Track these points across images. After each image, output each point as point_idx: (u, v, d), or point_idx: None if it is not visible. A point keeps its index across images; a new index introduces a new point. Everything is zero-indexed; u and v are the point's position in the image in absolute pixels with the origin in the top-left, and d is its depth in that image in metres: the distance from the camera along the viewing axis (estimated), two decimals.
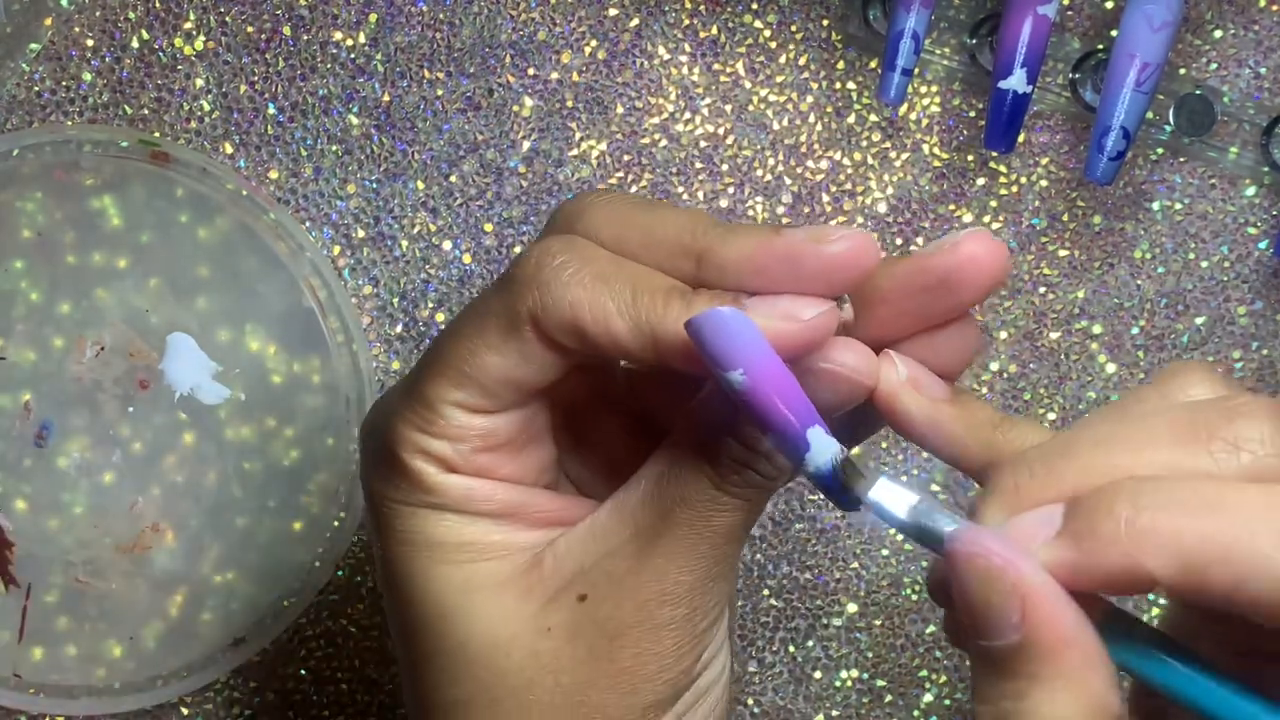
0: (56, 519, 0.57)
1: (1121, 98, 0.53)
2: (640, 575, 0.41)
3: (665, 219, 0.42)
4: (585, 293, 0.40)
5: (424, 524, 0.42)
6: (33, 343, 0.56)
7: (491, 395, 0.41)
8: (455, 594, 0.42)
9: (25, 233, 0.56)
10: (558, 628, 0.42)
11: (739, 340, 0.38)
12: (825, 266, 0.39)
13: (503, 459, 0.43)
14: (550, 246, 0.41)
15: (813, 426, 0.38)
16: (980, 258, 0.39)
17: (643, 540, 0.41)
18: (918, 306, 0.41)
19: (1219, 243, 0.58)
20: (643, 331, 0.40)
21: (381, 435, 0.43)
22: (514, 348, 0.41)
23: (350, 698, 0.59)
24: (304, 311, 0.57)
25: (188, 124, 0.57)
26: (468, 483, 0.42)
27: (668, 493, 0.41)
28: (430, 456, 0.42)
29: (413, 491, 0.42)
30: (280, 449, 0.57)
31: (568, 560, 0.42)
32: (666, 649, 0.42)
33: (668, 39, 0.58)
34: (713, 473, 0.41)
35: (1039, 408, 0.59)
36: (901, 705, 0.59)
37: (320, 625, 0.58)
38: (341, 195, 0.58)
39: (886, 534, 0.59)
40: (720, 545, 0.41)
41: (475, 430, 0.42)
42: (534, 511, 0.43)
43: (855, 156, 0.58)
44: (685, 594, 0.41)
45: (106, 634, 0.57)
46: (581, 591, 0.42)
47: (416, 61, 0.58)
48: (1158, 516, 0.34)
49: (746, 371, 0.38)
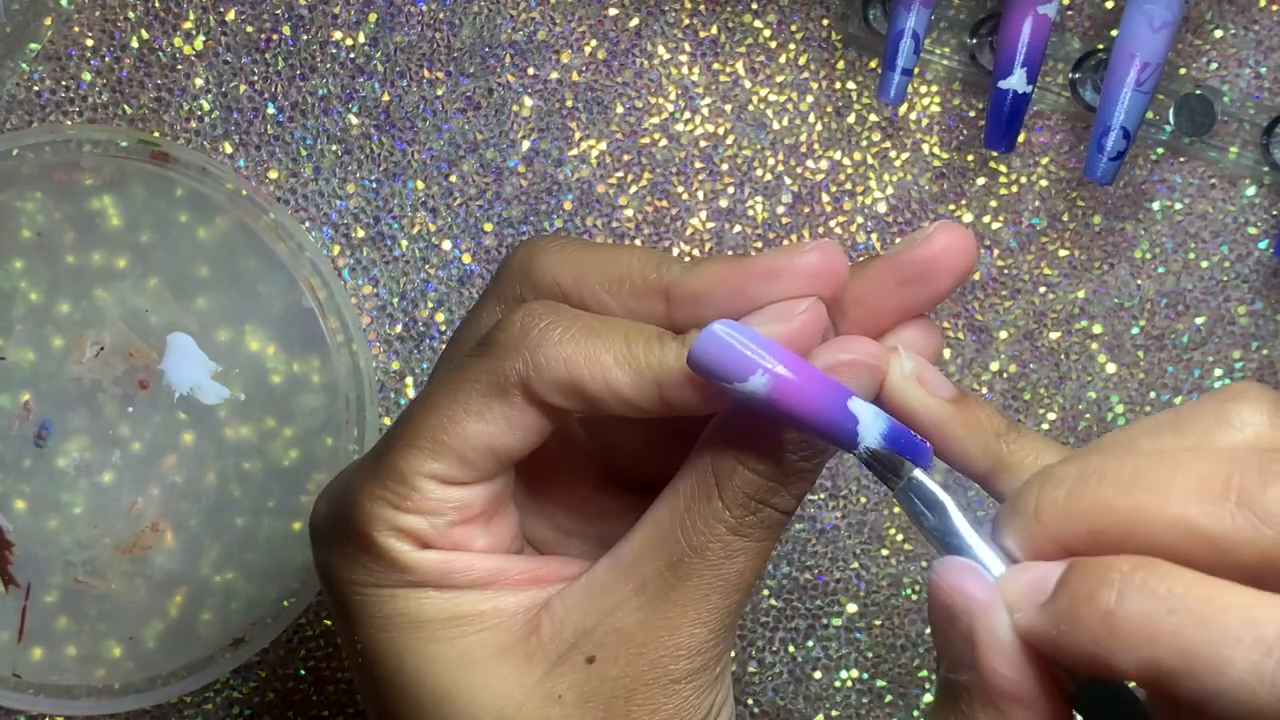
0: (56, 519, 0.57)
1: (1121, 97, 0.53)
2: (652, 630, 0.40)
3: (620, 257, 0.41)
4: (579, 348, 0.39)
5: (405, 605, 0.41)
6: (32, 343, 0.56)
7: (469, 466, 0.40)
8: (453, 672, 0.40)
9: (25, 233, 0.56)
10: (568, 693, 0.40)
11: (746, 347, 0.37)
12: (803, 276, 0.40)
13: (476, 531, 0.41)
14: (533, 309, 0.40)
15: (851, 398, 0.38)
16: (953, 246, 0.40)
17: (650, 594, 0.40)
18: (894, 303, 0.41)
19: (1219, 243, 0.58)
20: (644, 379, 0.39)
21: (345, 517, 0.41)
22: (499, 414, 0.39)
23: (350, 698, 0.59)
24: (304, 311, 0.57)
25: (187, 124, 0.57)
26: (444, 557, 0.40)
27: (676, 543, 0.40)
28: (404, 533, 0.40)
29: (387, 573, 0.40)
30: (280, 449, 0.57)
31: (568, 622, 0.41)
32: (682, 703, 0.41)
33: (668, 39, 0.58)
34: (729, 517, 0.40)
35: (1039, 408, 0.59)
36: (901, 705, 0.59)
37: (320, 625, 0.58)
38: (341, 195, 0.58)
39: (886, 534, 0.59)
40: (733, 594, 0.40)
41: (451, 503, 0.40)
42: (514, 575, 0.41)
43: (855, 156, 0.58)
44: (699, 646, 0.40)
45: (106, 634, 0.57)
46: (589, 654, 0.40)
47: (416, 61, 0.58)
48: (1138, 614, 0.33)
49: (765, 371, 0.37)
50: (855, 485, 0.59)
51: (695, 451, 0.40)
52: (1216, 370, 0.59)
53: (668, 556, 0.40)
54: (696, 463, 0.40)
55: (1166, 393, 0.59)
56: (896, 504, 0.59)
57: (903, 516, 0.59)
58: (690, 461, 0.40)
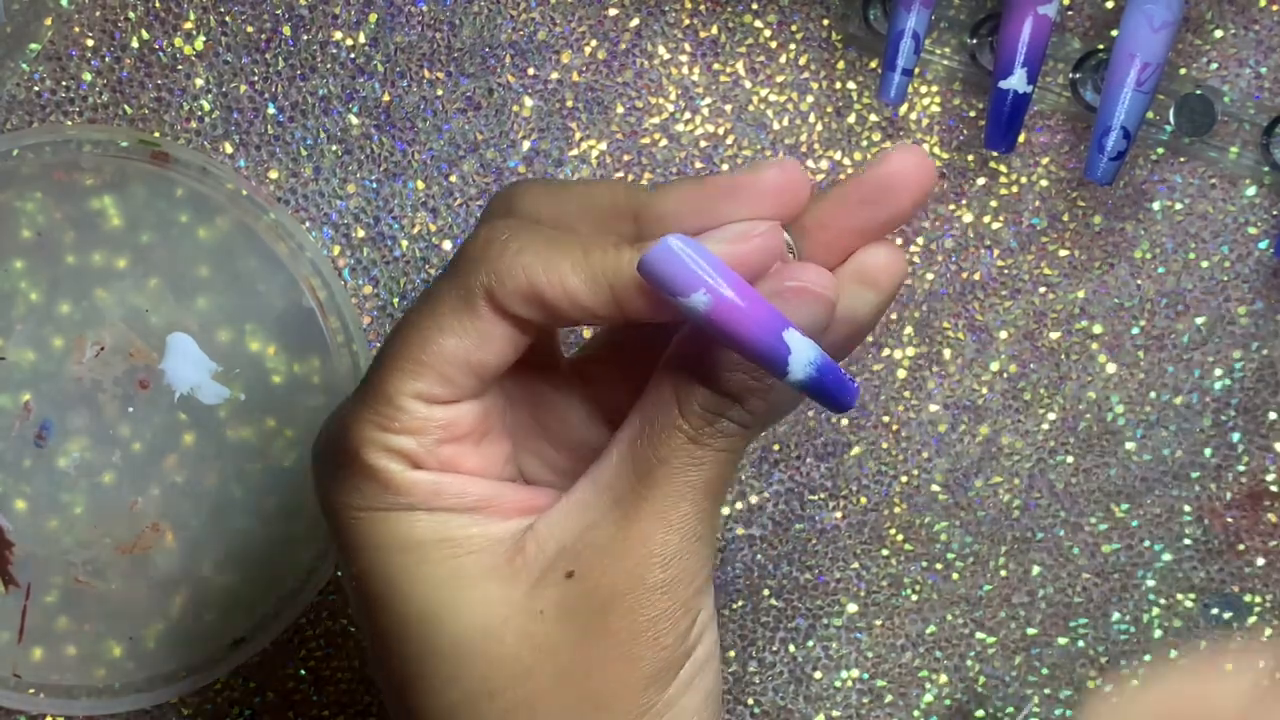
0: (56, 519, 0.57)
1: (1122, 98, 0.53)
2: (626, 541, 0.41)
3: (596, 188, 0.43)
4: (538, 257, 0.40)
5: (397, 527, 0.42)
6: (33, 343, 0.56)
7: (450, 382, 0.41)
8: (441, 591, 0.42)
9: (25, 233, 0.56)
10: (550, 608, 0.42)
11: (694, 263, 0.38)
12: (763, 192, 0.41)
13: (466, 450, 0.42)
14: (496, 225, 0.41)
15: (787, 329, 0.39)
16: (910, 163, 0.42)
17: (625, 507, 0.41)
18: (856, 224, 0.42)
19: (1219, 243, 0.58)
20: (599, 283, 0.40)
21: (338, 443, 0.42)
22: (471, 327, 0.41)
23: (350, 698, 0.59)
24: (304, 312, 0.57)
25: (188, 124, 0.57)
26: (435, 478, 0.42)
27: (644, 456, 0.41)
28: (395, 453, 0.42)
29: (380, 494, 0.42)
30: (280, 449, 0.57)
31: (550, 540, 0.42)
32: (660, 613, 0.42)
33: (668, 39, 0.58)
34: (687, 427, 0.41)
35: (1039, 408, 0.59)
36: (901, 705, 0.59)
37: (320, 625, 0.58)
38: (341, 195, 0.58)
39: (887, 534, 0.59)
40: (701, 502, 0.42)
41: (437, 421, 0.42)
42: (504, 503, 0.43)
43: (855, 156, 0.58)
44: (673, 554, 0.42)
45: (106, 634, 0.57)
46: (569, 568, 0.42)
47: (416, 61, 0.58)
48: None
49: (708, 290, 0.38)
50: (855, 485, 0.59)
51: (658, 367, 0.42)
52: (1216, 370, 0.59)
53: (637, 469, 0.41)
54: (658, 378, 0.42)
55: (1166, 393, 0.59)
56: (897, 504, 0.59)
57: (903, 516, 0.59)
58: (654, 376, 0.42)
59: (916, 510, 0.59)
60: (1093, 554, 0.59)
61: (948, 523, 0.59)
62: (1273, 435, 0.59)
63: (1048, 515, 0.59)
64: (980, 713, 0.59)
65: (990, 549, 0.59)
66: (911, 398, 0.59)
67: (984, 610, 0.59)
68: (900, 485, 0.59)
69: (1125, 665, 0.59)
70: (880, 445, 0.59)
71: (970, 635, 0.59)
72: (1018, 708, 0.59)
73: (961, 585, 0.59)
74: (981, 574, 0.59)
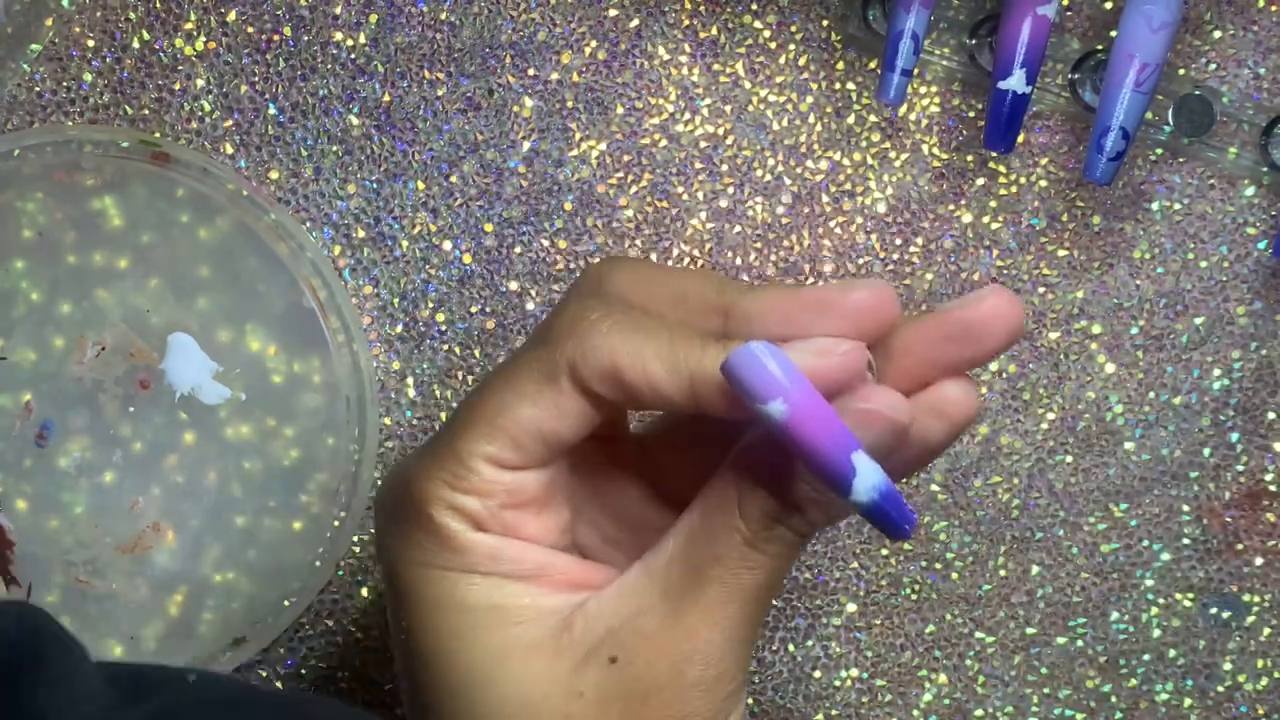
0: (57, 519, 0.57)
1: (1121, 98, 0.53)
2: (672, 633, 0.42)
3: (690, 279, 0.44)
4: (624, 340, 0.41)
5: (454, 588, 0.43)
6: (33, 343, 0.56)
7: (521, 449, 0.42)
8: (488, 659, 0.42)
9: (26, 233, 0.56)
10: (590, 690, 0.42)
11: (776, 372, 0.39)
12: (851, 312, 0.42)
13: (527, 517, 0.43)
14: (586, 303, 0.42)
15: (856, 451, 0.39)
16: (1002, 310, 0.42)
17: (674, 599, 0.42)
18: (939, 356, 0.43)
19: (1218, 243, 0.59)
20: (680, 374, 0.41)
21: (405, 496, 0.43)
22: (549, 399, 0.41)
23: (350, 698, 0.59)
24: (304, 311, 0.57)
25: (188, 124, 0.58)
26: (495, 541, 0.43)
27: (699, 551, 0.42)
28: (459, 513, 0.42)
29: (440, 552, 0.42)
30: (280, 449, 0.57)
31: (598, 622, 0.42)
32: (694, 710, 0.42)
33: (668, 39, 0.58)
34: (746, 530, 0.41)
35: (1038, 407, 0.59)
36: (901, 705, 0.59)
37: (320, 625, 0.58)
38: (342, 195, 0.58)
39: None
40: (749, 605, 0.42)
41: (504, 485, 0.42)
42: (557, 574, 0.43)
43: (855, 157, 0.58)
44: (716, 654, 0.42)
45: (107, 634, 0.57)
46: (613, 653, 0.42)
47: (417, 62, 0.58)
48: None
49: (786, 399, 0.38)
50: None
51: (723, 465, 0.42)
52: (1215, 370, 0.59)
53: (691, 563, 0.42)
54: (723, 476, 0.42)
55: (1165, 393, 0.59)
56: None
57: None
58: (718, 474, 0.42)
59: (916, 510, 0.59)
60: (1091, 554, 0.59)
61: (947, 522, 0.59)
62: (1271, 435, 0.59)
63: (1047, 515, 0.59)
64: (979, 712, 0.60)
65: (989, 549, 0.59)
66: None
67: (983, 610, 0.59)
68: (900, 485, 0.59)
69: (1124, 665, 0.59)
70: None
71: (969, 635, 0.59)
72: (1017, 707, 0.60)
73: (961, 585, 0.59)
74: (980, 574, 0.59)
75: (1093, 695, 0.59)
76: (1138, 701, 0.59)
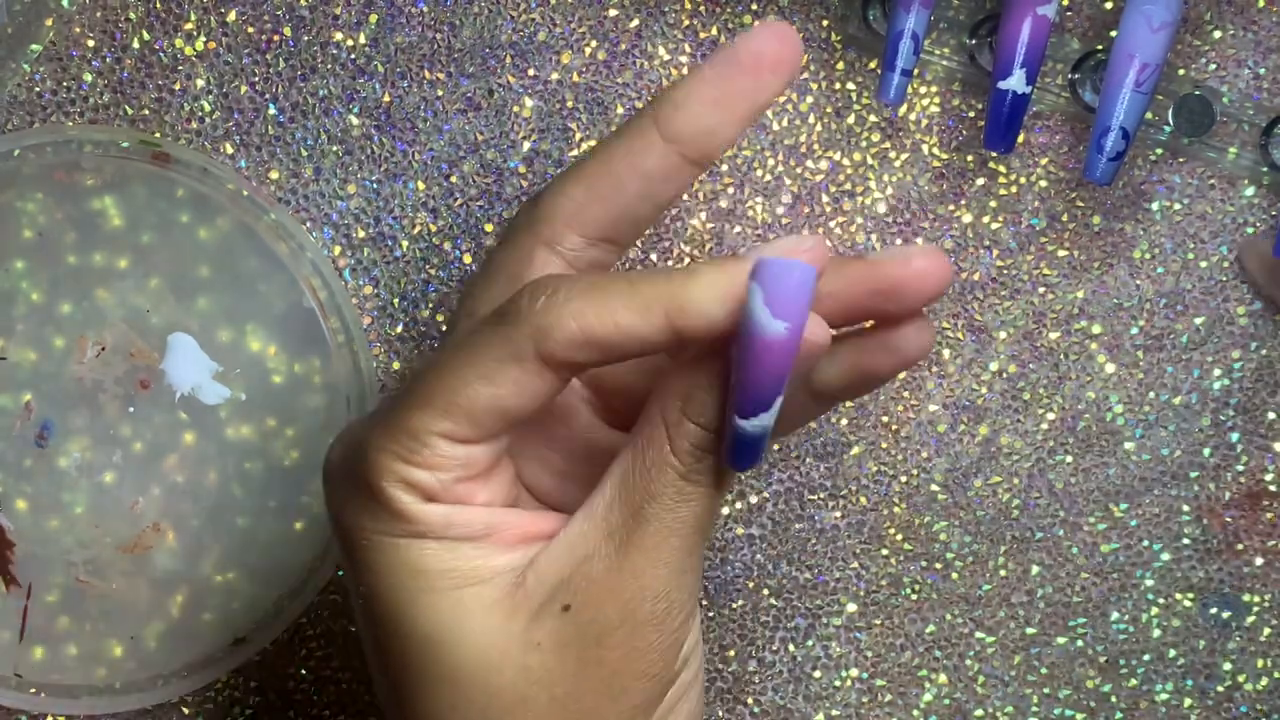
0: (57, 519, 0.57)
1: (1121, 98, 0.53)
2: (619, 575, 0.42)
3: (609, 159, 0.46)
4: (586, 302, 0.41)
5: (406, 554, 0.43)
6: (33, 343, 0.56)
7: (479, 425, 0.42)
8: (445, 620, 0.43)
9: (26, 233, 0.56)
10: (546, 640, 0.43)
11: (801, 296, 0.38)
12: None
13: (478, 486, 0.43)
14: (541, 279, 0.42)
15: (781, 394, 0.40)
16: (929, 272, 0.43)
17: (617, 541, 0.42)
18: (862, 305, 0.44)
19: (1218, 243, 0.59)
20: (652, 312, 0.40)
21: (356, 467, 0.43)
22: (514, 377, 0.41)
23: (350, 698, 0.59)
24: (304, 312, 0.57)
25: (188, 124, 0.58)
26: (447, 510, 0.43)
27: (636, 491, 0.42)
28: (411, 486, 0.42)
29: (393, 522, 0.43)
30: (281, 449, 0.57)
31: (548, 574, 0.43)
32: (649, 645, 0.43)
33: (668, 40, 0.58)
34: (679, 464, 0.42)
35: (1038, 407, 0.59)
36: (901, 705, 0.59)
37: (320, 625, 0.58)
38: (342, 195, 0.58)
39: (886, 534, 0.59)
40: (690, 536, 0.43)
41: (458, 459, 0.42)
42: (508, 531, 0.44)
43: (855, 157, 0.58)
44: (663, 588, 0.43)
45: (107, 634, 0.57)
46: (565, 602, 0.43)
47: (417, 62, 0.58)
48: None
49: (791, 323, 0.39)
50: (855, 485, 0.59)
51: (649, 402, 0.43)
52: (1216, 370, 0.59)
53: (629, 505, 0.42)
54: (650, 411, 0.43)
55: (1165, 393, 0.59)
56: (896, 504, 0.59)
57: (902, 516, 0.59)
58: (645, 412, 0.43)
59: (916, 510, 0.59)
60: (1091, 554, 0.59)
61: (947, 522, 0.59)
62: (1271, 435, 0.59)
63: (1047, 515, 0.59)
64: (979, 712, 0.60)
65: (989, 549, 0.59)
66: (911, 398, 0.59)
67: (983, 610, 0.59)
68: (899, 485, 0.59)
69: (1124, 665, 0.59)
70: (880, 445, 0.59)
71: (969, 635, 0.59)
72: (1017, 707, 0.60)
73: (961, 585, 0.59)
74: (980, 574, 0.59)
75: (1093, 695, 0.60)
76: (1138, 701, 0.60)
